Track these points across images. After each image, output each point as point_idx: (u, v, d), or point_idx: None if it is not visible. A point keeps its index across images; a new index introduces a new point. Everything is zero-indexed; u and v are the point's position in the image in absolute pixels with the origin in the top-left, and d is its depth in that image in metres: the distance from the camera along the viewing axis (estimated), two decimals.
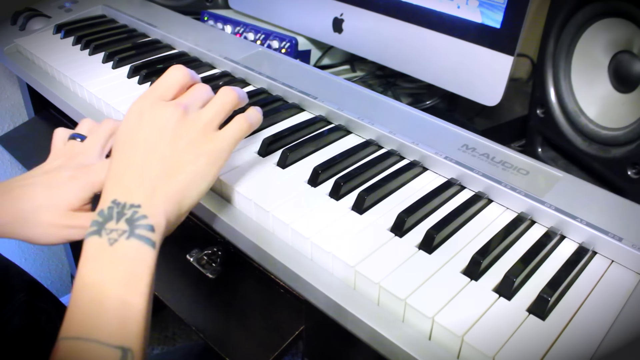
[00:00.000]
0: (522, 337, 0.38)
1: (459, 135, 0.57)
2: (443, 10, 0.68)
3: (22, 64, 0.84)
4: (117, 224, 0.38)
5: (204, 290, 0.63)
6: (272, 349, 0.55)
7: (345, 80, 0.69)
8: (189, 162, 0.43)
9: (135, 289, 0.37)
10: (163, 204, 0.41)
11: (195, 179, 0.43)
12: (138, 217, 0.39)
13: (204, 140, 0.44)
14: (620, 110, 0.57)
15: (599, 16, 0.57)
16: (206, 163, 0.43)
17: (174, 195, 0.42)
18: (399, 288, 0.41)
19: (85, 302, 0.36)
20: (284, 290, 0.59)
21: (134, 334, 0.36)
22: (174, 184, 0.42)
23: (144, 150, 0.42)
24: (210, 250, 0.66)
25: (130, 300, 0.37)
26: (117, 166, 0.42)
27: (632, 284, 0.43)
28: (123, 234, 0.38)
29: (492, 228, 0.48)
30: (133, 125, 0.44)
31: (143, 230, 0.39)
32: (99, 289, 0.36)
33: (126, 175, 0.41)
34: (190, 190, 0.43)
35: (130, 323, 0.36)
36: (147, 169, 0.41)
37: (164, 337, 1.42)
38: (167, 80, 0.46)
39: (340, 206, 0.50)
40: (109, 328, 0.35)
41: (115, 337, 0.35)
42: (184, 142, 0.43)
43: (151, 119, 0.43)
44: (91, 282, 0.37)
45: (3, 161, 1.17)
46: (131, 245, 0.38)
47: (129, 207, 0.39)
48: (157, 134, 0.43)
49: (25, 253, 1.30)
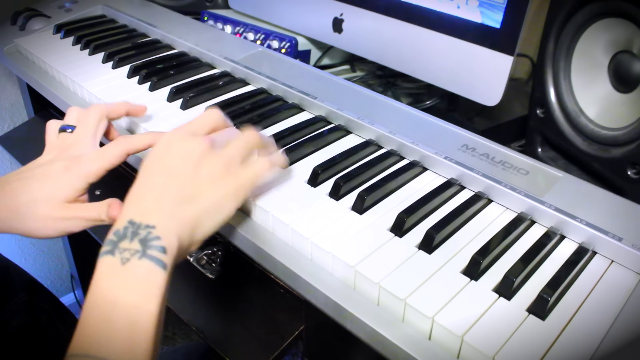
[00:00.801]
0: (522, 337, 0.38)
1: (458, 135, 0.57)
2: (443, 10, 0.68)
3: (22, 64, 0.84)
4: (131, 244, 0.39)
5: (204, 290, 0.63)
6: (272, 349, 0.55)
7: (345, 80, 0.69)
8: (207, 191, 0.43)
9: (145, 309, 0.37)
10: (177, 228, 0.41)
11: (212, 210, 0.43)
12: (151, 238, 0.39)
13: (225, 174, 0.45)
14: (620, 110, 0.57)
15: (599, 16, 0.57)
16: (225, 195, 0.44)
17: (189, 221, 0.42)
18: (398, 288, 0.41)
19: (95, 320, 0.37)
20: (284, 290, 0.59)
21: (142, 352, 0.36)
22: (190, 210, 0.42)
23: (166, 175, 0.43)
24: (210, 250, 0.66)
25: (139, 320, 0.37)
26: (138, 188, 0.43)
27: (632, 284, 0.43)
28: (135, 254, 0.38)
29: (492, 228, 0.48)
30: (161, 153, 0.45)
31: (155, 251, 0.39)
32: (110, 307, 0.37)
33: (145, 197, 0.42)
34: (205, 220, 0.43)
35: (138, 342, 0.36)
36: (166, 193, 0.42)
37: (164, 337, 1.42)
38: (202, 118, 0.48)
39: (340, 206, 0.50)
40: (117, 347, 0.36)
41: (123, 357, 0.35)
42: (205, 172, 0.44)
43: (178, 149, 0.45)
44: (102, 300, 0.37)
45: (3, 161, 1.17)
46: (143, 265, 0.38)
47: (144, 227, 0.40)
48: (180, 161, 0.44)
49: (25, 253, 1.30)
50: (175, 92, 0.69)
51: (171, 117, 0.65)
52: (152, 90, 0.71)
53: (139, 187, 0.43)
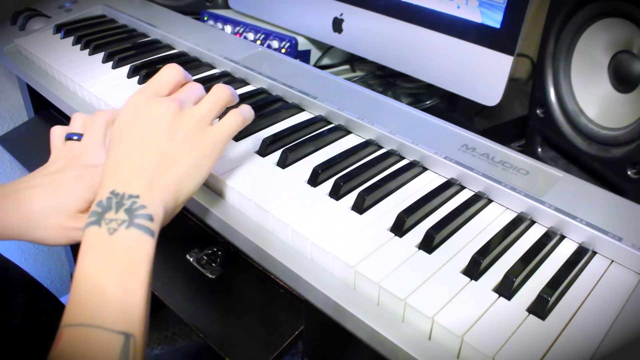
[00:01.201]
0: (522, 337, 0.38)
1: (458, 135, 0.57)
2: (443, 10, 0.68)
3: (22, 64, 0.84)
4: (117, 214, 0.39)
5: (204, 290, 0.63)
6: (272, 349, 0.55)
7: (345, 80, 0.69)
8: (185, 154, 0.44)
9: (136, 276, 0.38)
10: (161, 195, 0.42)
11: (191, 171, 0.44)
12: (137, 207, 0.40)
13: (199, 133, 0.45)
14: (620, 110, 0.57)
15: (599, 16, 0.57)
16: (202, 156, 0.45)
17: (171, 186, 0.43)
18: (398, 288, 0.41)
19: (87, 291, 0.37)
20: (283, 290, 0.59)
21: (136, 320, 0.37)
22: (170, 175, 0.43)
23: (141, 144, 0.43)
24: (210, 250, 0.67)
25: (131, 287, 0.37)
26: (114, 159, 0.43)
27: (632, 284, 0.43)
28: (123, 224, 0.39)
29: (492, 228, 0.48)
30: (130, 119, 0.45)
31: (142, 220, 0.39)
32: (101, 278, 0.37)
33: (124, 167, 0.42)
34: (186, 182, 0.44)
35: (131, 309, 0.37)
36: (145, 162, 0.42)
37: (164, 337, 1.42)
38: (162, 77, 0.47)
39: (340, 206, 0.50)
40: (111, 314, 0.36)
41: (117, 323, 0.36)
42: (179, 135, 0.44)
43: (147, 114, 0.44)
44: (92, 271, 0.38)
45: (3, 161, 1.17)
46: (131, 235, 0.39)
47: (128, 197, 0.40)
48: (153, 128, 0.44)
49: (25, 253, 1.30)
50: None
51: None
52: None
53: (114, 157, 0.43)
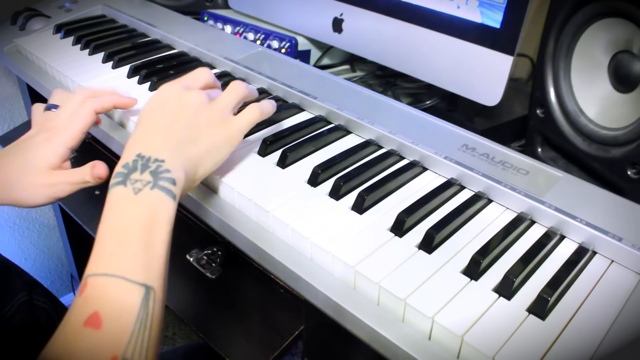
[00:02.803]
0: (522, 337, 0.38)
1: (458, 135, 0.57)
2: (443, 10, 0.68)
3: (22, 64, 0.84)
4: (142, 175, 0.42)
5: (204, 290, 0.63)
6: (272, 349, 0.55)
7: (345, 80, 0.69)
8: (207, 135, 0.48)
9: (158, 234, 0.40)
10: (183, 163, 0.45)
11: (212, 150, 0.48)
12: (162, 171, 0.42)
13: (221, 121, 0.49)
14: (620, 110, 0.57)
15: (599, 16, 0.57)
16: (222, 140, 0.49)
17: (194, 158, 0.46)
18: (398, 288, 0.41)
19: (111, 244, 0.39)
20: (284, 290, 0.59)
21: (156, 274, 0.39)
22: (194, 148, 0.46)
23: (169, 118, 0.47)
24: (210, 250, 0.67)
25: (153, 243, 0.40)
26: (142, 128, 0.46)
27: (632, 284, 0.43)
28: (147, 185, 0.41)
29: (492, 228, 0.48)
30: (160, 101, 0.49)
31: (166, 183, 0.42)
32: (125, 232, 0.39)
33: (152, 134, 0.45)
34: (206, 159, 0.47)
35: (153, 264, 0.39)
36: (173, 132, 0.46)
37: (164, 337, 1.42)
38: (194, 76, 0.52)
39: (340, 206, 0.50)
40: (134, 267, 0.38)
41: (139, 275, 0.38)
42: (204, 118, 0.48)
43: (177, 98, 0.48)
44: (117, 226, 0.40)
45: None
46: (155, 195, 0.41)
47: (154, 160, 0.43)
48: (180, 108, 0.48)
49: (25, 253, 1.30)
50: None
51: None
52: (152, 90, 0.71)
53: (143, 128, 0.46)
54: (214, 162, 0.49)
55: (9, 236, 1.25)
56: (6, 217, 1.23)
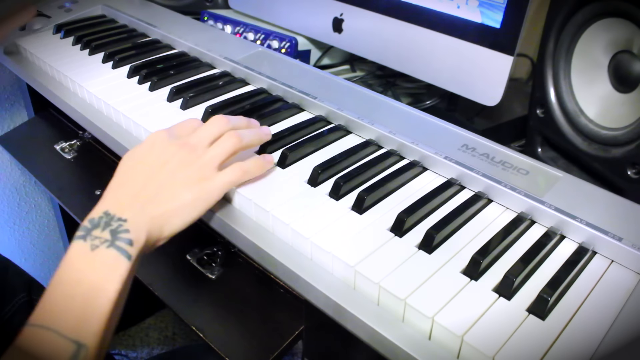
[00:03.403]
0: (522, 337, 0.38)
1: (459, 135, 0.57)
2: (443, 10, 0.68)
3: (22, 64, 0.84)
4: (102, 233, 0.43)
5: (204, 290, 0.63)
6: (272, 349, 0.55)
7: (345, 80, 0.69)
8: (180, 194, 0.47)
9: (104, 293, 0.41)
10: (147, 224, 0.45)
11: (182, 211, 0.47)
12: (121, 230, 0.43)
13: (199, 179, 0.48)
14: (620, 110, 0.57)
15: (599, 16, 0.57)
16: (196, 199, 0.47)
17: (159, 219, 0.46)
18: (398, 288, 0.41)
19: (56, 296, 0.41)
20: (284, 290, 0.59)
21: (93, 332, 0.40)
22: (162, 209, 0.46)
23: (146, 175, 0.47)
24: (210, 250, 0.67)
25: (97, 301, 0.40)
26: (119, 179, 0.47)
27: (632, 284, 0.43)
28: (105, 243, 0.42)
29: (492, 228, 0.48)
30: (143, 152, 0.49)
31: (122, 243, 0.43)
32: (71, 287, 0.41)
33: (124, 191, 0.46)
34: (174, 218, 0.47)
35: (91, 322, 0.40)
36: (143, 191, 0.46)
37: (164, 337, 1.42)
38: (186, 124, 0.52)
39: (340, 206, 0.50)
40: (70, 322, 0.39)
41: (73, 332, 0.39)
42: (182, 176, 0.47)
43: (160, 150, 0.48)
44: (66, 279, 0.41)
45: (3, 161, 1.17)
46: (109, 254, 0.42)
47: (117, 219, 0.44)
48: (161, 164, 0.48)
49: (25, 253, 1.30)
50: (176, 92, 0.69)
51: (171, 117, 0.65)
52: (152, 90, 0.71)
53: (120, 178, 0.47)
54: (182, 221, 0.47)
55: (9, 236, 1.25)
56: (6, 217, 1.23)
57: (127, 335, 1.40)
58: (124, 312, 0.44)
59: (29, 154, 0.95)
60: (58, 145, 0.89)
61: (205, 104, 0.67)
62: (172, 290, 0.63)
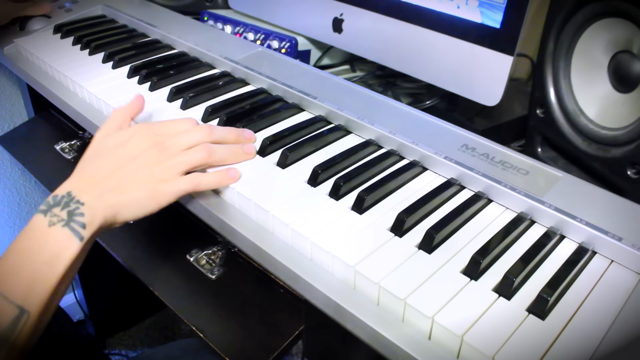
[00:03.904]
0: (521, 337, 0.38)
1: (458, 135, 0.57)
2: (443, 10, 0.68)
3: (22, 64, 0.84)
4: (60, 212, 0.46)
5: (204, 290, 0.63)
6: (272, 349, 0.55)
7: (345, 80, 0.69)
8: (139, 188, 0.49)
9: (54, 267, 0.44)
10: (102, 210, 0.47)
11: (135, 204, 0.50)
12: (77, 213, 0.46)
13: (159, 179, 0.50)
14: (620, 110, 0.57)
15: (599, 16, 0.57)
16: (149, 197, 0.50)
17: (114, 207, 0.48)
18: (398, 288, 0.41)
19: (9, 263, 0.44)
20: (283, 290, 0.59)
21: (37, 301, 0.43)
22: (118, 198, 0.49)
23: (114, 165, 0.50)
24: (210, 250, 0.67)
25: (45, 274, 0.44)
26: (86, 164, 0.51)
27: (631, 284, 0.43)
28: (61, 222, 0.45)
29: (491, 228, 0.48)
30: (122, 138, 0.52)
31: (76, 225, 0.46)
32: (24, 256, 0.44)
33: (88, 175, 0.49)
34: (128, 209, 0.49)
35: (38, 292, 0.43)
36: (107, 180, 0.49)
37: (164, 337, 1.42)
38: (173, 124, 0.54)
39: (340, 206, 0.50)
40: (16, 288, 0.43)
41: (18, 297, 0.43)
42: (145, 174, 0.50)
43: (137, 144, 0.51)
44: (21, 249, 0.45)
45: (3, 161, 1.17)
46: (64, 233, 0.45)
47: (75, 201, 0.47)
48: (131, 157, 0.50)
49: None
50: (175, 92, 0.69)
51: (171, 117, 0.65)
52: (152, 90, 0.71)
53: (90, 159, 0.51)
54: (135, 213, 0.50)
55: (9, 236, 1.25)
56: (6, 217, 1.23)
57: (127, 335, 1.40)
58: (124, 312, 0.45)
59: (29, 154, 0.95)
60: (58, 145, 0.89)
61: (205, 104, 0.67)
62: (172, 290, 0.63)
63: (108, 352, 1.37)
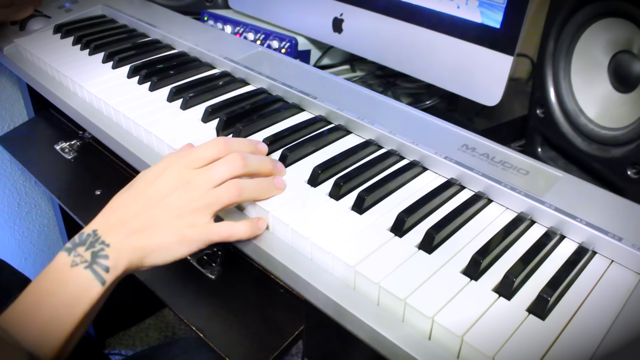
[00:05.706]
0: (522, 337, 0.38)
1: (458, 135, 0.57)
2: (443, 10, 0.68)
3: (22, 64, 0.84)
4: (84, 252, 0.44)
5: (204, 290, 0.63)
6: (272, 349, 0.55)
7: (345, 80, 0.69)
8: (167, 231, 0.46)
9: (71, 310, 0.42)
10: (128, 253, 0.45)
11: (164, 250, 0.47)
12: (101, 255, 0.44)
13: (188, 224, 0.47)
14: (620, 110, 0.57)
15: (599, 16, 0.57)
16: (178, 243, 0.47)
17: (142, 251, 0.46)
18: (398, 288, 0.41)
19: (27, 301, 0.42)
20: (283, 290, 0.59)
21: (50, 346, 0.41)
22: (144, 242, 0.46)
23: (141, 205, 0.47)
24: (210, 250, 0.66)
25: (62, 318, 0.42)
26: (119, 199, 0.48)
27: (632, 284, 0.43)
28: (84, 262, 0.43)
29: (492, 228, 0.48)
30: (152, 177, 0.48)
31: (99, 268, 0.44)
32: (43, 297, 0.42)
33: (116, 214, 0.47)
34: (156, 254, 0.47)
35: (51, 335, 0.41)
36: (135, 221, 0.46)
37: (164, 337, 1.42)
38: (203, 150, 0.49)
39: (340, 206, 0.50)
40: (30, 331, 0.41)
41: (30, 341, 0.40)
42: (174, 213, 0.47)
43: (167, 180, 0.48)
44: (42, 288, 0.43)
45: (3, 161, 1.17)
46: (85, 275, 0.43)
47: (100, 242, 0.44)
48: (159, 197, 0.47)
49: (25, 253, 1.30)
50: (176, 92, 0.69)
51: (171, 117, 0.65)
52: (152, 90, 0.71)
53: (117, 202, 0.48)
54: (163, 259, 0.47)
55: (9, 236, 1.25)
56: (6, 217, 1.23)
57: (127, 335, 1.40)
58: (124, 312, 0.45)
59: (29, 154, 0.95)
60: (58, 145, 0.89)
61: (205, 104, 0.67)
62: (172, 290, 0.63)
63: (108, 352, 1.36)
